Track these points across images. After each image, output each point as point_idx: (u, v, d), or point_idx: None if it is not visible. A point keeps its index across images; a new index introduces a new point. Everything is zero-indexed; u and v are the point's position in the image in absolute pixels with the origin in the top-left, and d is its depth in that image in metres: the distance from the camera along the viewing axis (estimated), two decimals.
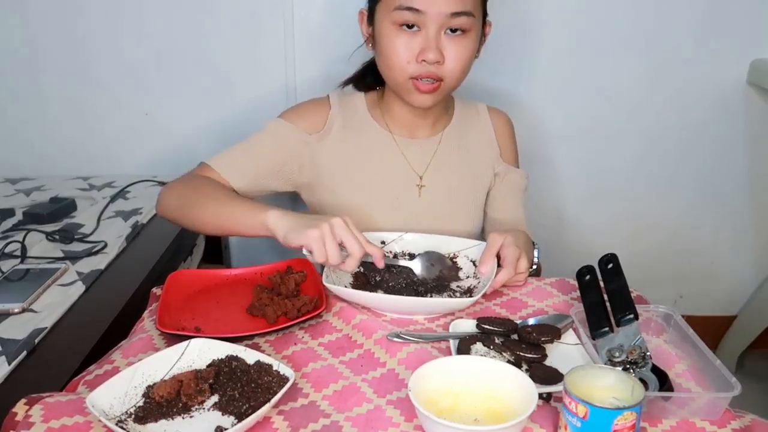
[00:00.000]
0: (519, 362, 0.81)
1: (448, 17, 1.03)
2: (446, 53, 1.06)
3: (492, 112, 1.29)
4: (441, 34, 1.05)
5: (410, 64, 1.07)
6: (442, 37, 1.05)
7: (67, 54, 1.74)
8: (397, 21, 1.05)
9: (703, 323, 1.87)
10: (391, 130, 1.21)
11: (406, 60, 1.06)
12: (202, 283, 1.04)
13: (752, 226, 1.99)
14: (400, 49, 1.06)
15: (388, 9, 1.05)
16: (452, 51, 1.06)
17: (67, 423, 0.71)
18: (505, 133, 1.29)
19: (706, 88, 1.80)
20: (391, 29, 1.06)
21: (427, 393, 0.71)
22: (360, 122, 1.21)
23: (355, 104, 1.22)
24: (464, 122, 1.25)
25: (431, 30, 1.04)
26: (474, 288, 1.02)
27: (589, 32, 1.74)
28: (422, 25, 1.04)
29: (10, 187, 1.68)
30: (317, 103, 1.22)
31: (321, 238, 0.91)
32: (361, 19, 1.14)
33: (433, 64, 1.05)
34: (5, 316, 1.03)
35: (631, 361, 0.79)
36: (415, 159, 1.21)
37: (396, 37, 1.06)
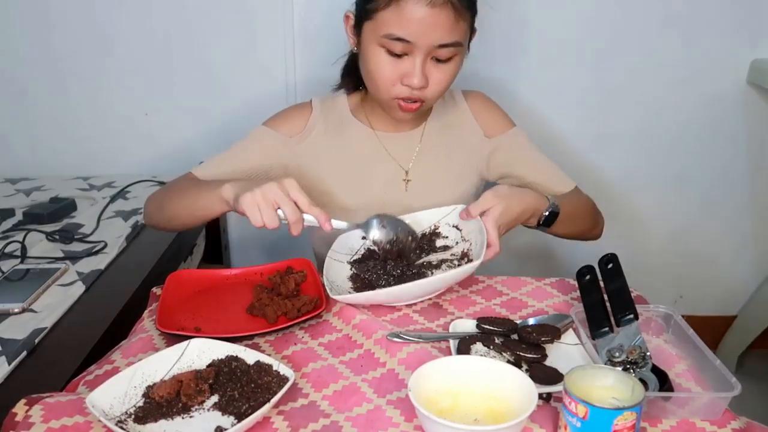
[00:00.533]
0: (519, 362, 0.81)
1: (435, 48, 1.03)
2: (431, 78, 1.06)
3: (467, 95, 1.27)
4: (427, 60, 1.04)
5: (395, 86, 1.06)
6: (428, 64, 1.05)
7: (67, 54, 1.74)
8: (384, 45, 1.04)
9: (703, 323, 1.87)
10: (373, 126, 1.20)
11: (390, 82, 1.06)
12: (202, 283, 1.04)
13: (752, 226, 1.99)
14: (386, 71, 1.05)
15: (377, 32, 1.04)
16: (437, 76, 1.06)
17: (67, 423, 0.71)
18: (484, 109, 1.27)
19: (706, 88, 1.80)
20: (378, 51, 1.05)
21: (427, 393, 0.71)
22: (342, 121, 1.21)
23: (337, 105, 1.22)
24: (443, 110, 1.24)
25: (418, 58, 1.03)
26: (469, 251, 1.03)
27: (589, 32, 1.74)
28: (410, 52, 1.03)
29: (10, 187, 1.68)
30: (298, 108, 1.23)
31: (254, 203, 0.92)
32: (347, 22, 1.12)
33: (417, 89, 1.06)
34: (5, 316, 1.03)
35: (631, 361, 0.79)
36: (400, 153, 1.20)
37: (382, 61, 1.05)
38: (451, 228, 1.09)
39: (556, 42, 1.75)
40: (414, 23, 1.00)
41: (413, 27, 1.00)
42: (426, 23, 0.99)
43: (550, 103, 1.81)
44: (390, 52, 1.04)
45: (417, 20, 0.99)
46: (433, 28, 1.00)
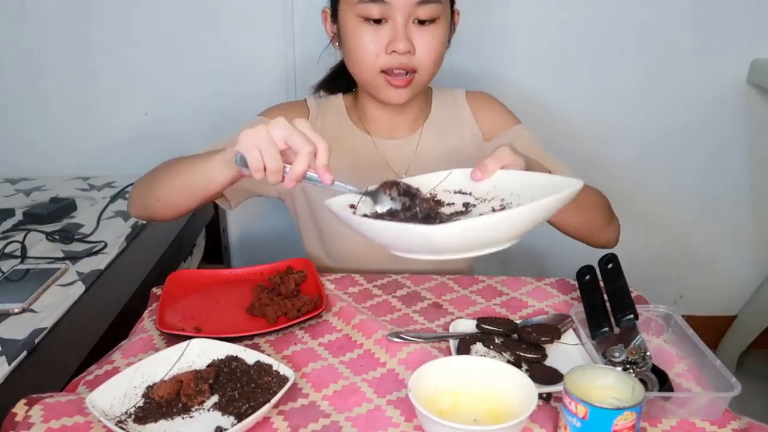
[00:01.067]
0: (519, 362, 0.81)
1: (414, 6, 0.99)
2: (416, 43, 1.02)
3: (470, 97, 1.21)
4: (409, 24, 1.01)
5: (379, 57, 1.02)
6: (411, 27, 1.01)
7: (67, 54, 1.74)
8: (361, 14, 1.00)
9: (703, 323, 1.87)
10: (369, 132, 1.17)
11: (374, 53, 1.02)
12: (202, 283, 1.04)
13: (752, 226, 1.99)
14: (368, 42, 1.02)
15: (351, 3, 1.01)
16: (422, 40, 1.02)
17: (67, 423, 0.71)
18: (485, 109, 1.21)
19: (706, 88, 1.80)
20: (356, 23, 1.02)
21: (427, 393, 0.70)
22: (338, 127, 1.17)
23: (333, 109, 1.18)
24: (443, 113, 1.20)
25: (398, 20, 1.00)
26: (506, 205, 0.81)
27: (589, 32, 1.74)
28: (388, 16, 1.00)
29: (10, 187, 1.68)
30: (296, 107, 1.19)
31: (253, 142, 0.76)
32: (325, 18, 1.10)
33: (403, 54, 1.01)
34: (5, 316, 1.03)
35: (631, 361, 0.79)
36: (396, 160, 1.16)
37: (362, 31, 1.02)
38: (454, 194, 0.88)
39: (556, 42, 1.75)
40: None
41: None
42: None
43: (549, 104, 1.81)
44: (368, 21, 1.01)
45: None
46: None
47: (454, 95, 1.22)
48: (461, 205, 0.85)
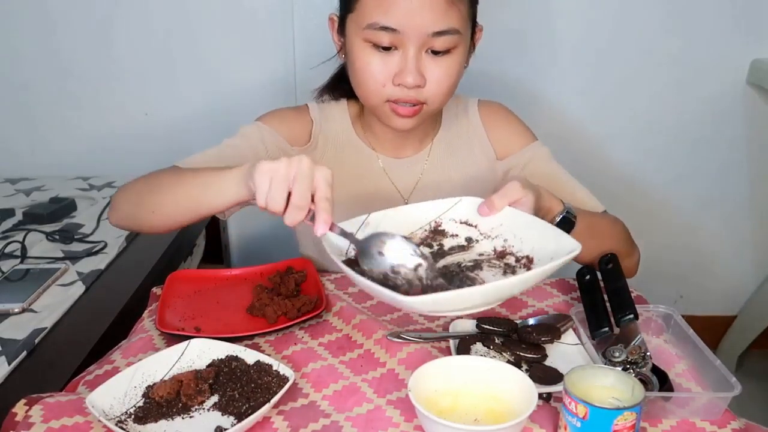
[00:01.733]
0: (519, 362, 0.81)
1: (429, 37, 0.90)
2: (428, 75, 0.92)
3: (482, 108, 1.13)
4: (422, 53, 0.92)
5: (386, 87, 0.93)
6: (423, 57, 0.92)
7: (68, 54, 1.74)
8: (369, 39, 0.91)
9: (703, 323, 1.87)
10: (375, 149, 1.10)
11: (381, 83, 0.93)
12: (202, 283, 1.03)
13: (752, 226, 1.99)
14: (374, 70, 0.92)
15: (359, 25, 0.91)
16: (435, 72, 0.93)
17: (67, 423, 0.71)
18: (499, 126, 1.12)
19: (706, 88, 1.80)
20: (363, 47, 0.92)
21: (427, 393, 0.70)
22: (342, 138, 1.09)
23: (337, 117, 1.11)
24: (453, 128, 1.12)
25: (410, 51, 0.90)
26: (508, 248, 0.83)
27: (589, 32, 1.74)
28: (399, 44, 0.91)
29: (10, 187, 1.68)
30: (298, 113, 1.11)
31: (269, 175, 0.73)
32: (332, 25, 1.01)
33: (412, 88, 0.93)
34: (5, 316, 1.03)
35: (631, 361, 0.79)
36: (401, 180, 1.10)
37: (369, 56, 0.92)
38: (460, 225, 0.88)
39: (556, 42, 1.75)
40: (400, 7, 0.87)
41: (399, 12, 0.88)
42: (414, 6, 0.87)
43: (549, 104, 1.81)
44: (377, 46, 0.91)
45: (403, 3, 0.87)
46: (422, 11, 0.88)
47: (466, 106, 1.13)
48: (464, 239, 0.86)
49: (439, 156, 1.12)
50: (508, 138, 1.12)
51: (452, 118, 1.13)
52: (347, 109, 1.12)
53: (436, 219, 0.88)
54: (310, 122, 1.10)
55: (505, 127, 1.13)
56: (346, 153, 1.09)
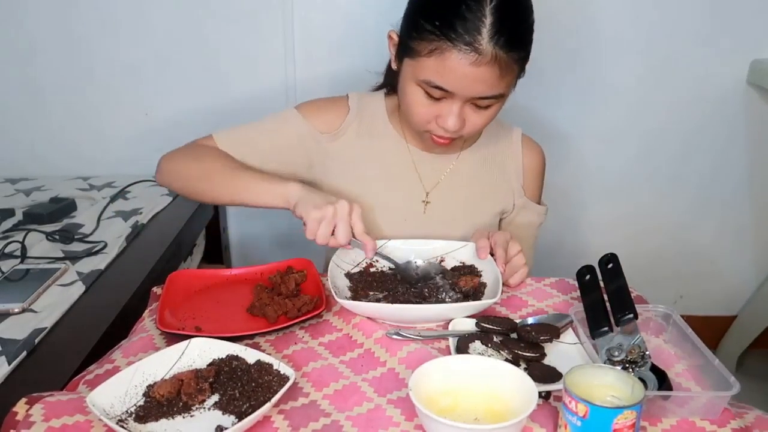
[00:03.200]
0: (516, 360, 0.81)
1: (476, 98, 0.98)
2: (467, 120, 1.01)
3: (526, 143, 1.22)
4: (466, 105, 1.00)
5: (430, 124, 1.03)
6: (467, 107, 1.00)
7: (67, 54, 1.74)
8: (423, 87, 0.99)
9: (703, 323, 1.87)
10: (407, 140, 1.16)
11: (426, 120, 1.02)
12: (202, 283, 1.04)
13: (752, 226, 1.99)
14: (421, 110, 1.01)
15: (416, 74, 0.98)
16: (474, 119, 1.01)
17: (67, 422, 0.71)
18: (535, 170, 1.22)
19: (706, 88, 1.80)
20: (416, 89, 1.00)
21: (427, 392, 0.71)
22: (378, 126, 1.16)
23: (375, 107, 1.17)
24: (494, 145, 1.19)
25: (456, 105, 0.98)
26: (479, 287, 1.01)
27: (589, 32, 1.74)
28: (448, 98, 0.98)
29: (10, 187, 1.68)
30: (336, 103, 1.18)
31: (319, 220, 0.93)
32: (390, 41, 1.06)
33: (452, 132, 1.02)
34: (5, 316, 1.03)
35: (631, 360, 0.79)
36: (427, 174, 1.16)
37: (419, 98, 1.00)
38: (457, 263, 1.07)
39: (556, 42, 1.75)
40: (456, 77, 0.95)
41: (455, 80, 0.95)
42: (469, 79, 0.95)
43: (549, 104, 1.81)
44: (428, 95, 0.99)
45: (460, 75, 0.94)
46: (475, 83, 0.95)
47: (511, 133, 1.22)
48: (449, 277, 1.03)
49: (470, 161, 1.18)
50: (535, 185, 1.24)
51: (493, 137, 1.20)
52: (384, 102, 1.19)
53: (442, 255, 1.08)
54: (346, 111, 1.17)
55: (538, 176, 1.24)
56: (379, 140, 1.17)
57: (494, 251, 1.01)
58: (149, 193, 1.64)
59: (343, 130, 1.16)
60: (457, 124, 1.00)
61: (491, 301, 0.92)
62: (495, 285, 0.97)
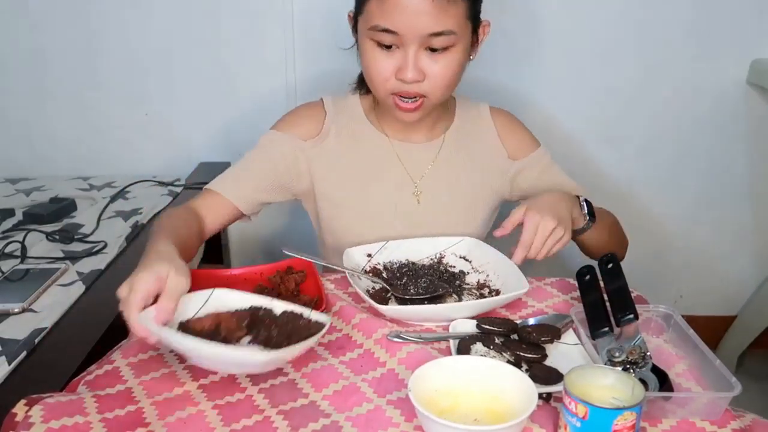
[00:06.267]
0: (519, 362, 0.81)
1: (426, 37, 0.98)
2: (427, 70, 1.01)
3: (494, 113, 1.23)
4: (420, 51, 1.00)
5: (389, 81, 1.03)
6: (423, 54, 1.00)
7: (67, 54, 1.74)
8: (374, 39, 1.01)
9: (703, 323, 1.87)
10: (387, 134, 1.17)
11: (384, 77, 1.03)
12: (202, 283, 1.03)
13: (752, 226, 1.99)
14: (378, 66, 1.02)
15: (366, 26, 1.01)
16: (434, 68, 1.01)
17: (67, 423, 0.71)
18: (511, 130, 1.22)
19: (706, 88, 1.80)
20: (369, 45, 1.02)
21: (427, 393, 0.71)
22: (356, 126, 1.17)
23: (351, 107, 1.19)
24: (466, 124, 1.20)
25: (410, 50, 0.99)
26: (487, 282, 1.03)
27: (589, 32, 1.74)
28: (400, 44, 0.99)
29: (10, 187, 1.68)
30: (311, 108, 1.19)
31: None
32: (350, 21, 1.09)
33: (412, 83, 1.01)
34: (5, 316, 1.03)
35: (631, 361, 0.79)
36: (413, 165, 1.17)
37: (374, 54, 1.02)
38: (459, 258, 1.08)
39: (555, 42, 1.75)
40: (398, 12, 0.96)
41: (397, 16, 0.96)
42: (410, 11, 0.96)
43: (549, 104, 1.81)
44: (380, 45, 1.01)
45: (400, 9, 0.96)
46: (418, 16, 0.96)
47: (479, 109, 1.23)
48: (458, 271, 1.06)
49: (451, 149, 1.19)
50: (518, 142, 1.22)
51: (465, 116, 1.21)
52: (359, 102, 1.19)
53: (441, 251, 1.09)
54: (323, 114, 1.18)
55: (516, 134, 1.23)
56: (360, 139, 1.17)
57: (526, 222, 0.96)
58: (149, 193, 1.64)
59: (324, 133, 1.16)
60: (416, 73, 1.00)
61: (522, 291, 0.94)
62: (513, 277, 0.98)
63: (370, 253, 1.09)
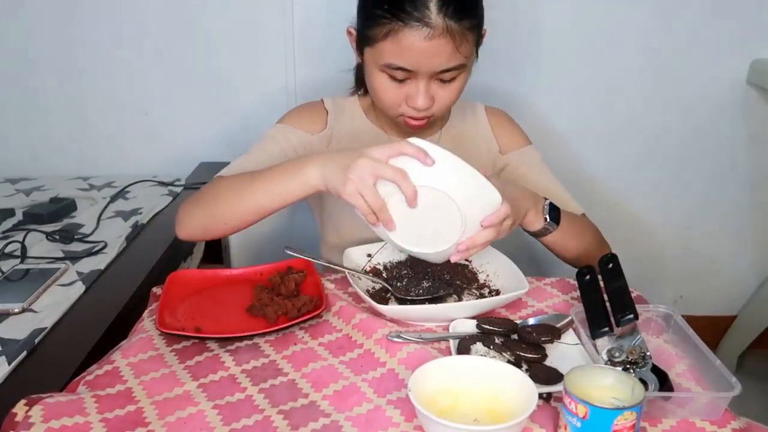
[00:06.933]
0: (519, 362, 0.81)
1: (438, 72, 1.01)
2: (436, 97, 1.05)
3: (489, 111, 1.26)
4: (431, 81, 1.03)
5: (400, 107, 1.06)
6: (433, 84, 1.04)
7: (67, 54, 1.74)
8: (386, 72, 1.03)
9: (703, 323, 1.87)
10: (387, 132, 1.19)
11: (396, 103, 1.05)
12: (202, 283, 1.04)
13: (752, 226, 1.99)
14: (390, 94, 1.05)
15: (377, 60, 1.02)
16: (442, 95, 1.05)
17: (67, 423, 0.71)
18: (504, 127, 1.25)
19: (706, 88, 1.80)
20: (380, 75, 1.04)
21: (426, 393, 0.70)
22: (357, 125, 1.19)
23: (351, 107, 1.21)
24: (462, 123, 1.23)
25: (421, 83, 1.02)
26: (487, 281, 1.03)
27: (589, 32, 1.74)
28: (412, 77, 1.02)
29: (10, 187, 1.68)
30: (314, 106, 1.21)
31: (356, 191, 0.87)
32: (350, 37, 1.10)
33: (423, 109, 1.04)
34: (5, 316, 1.03)
35: (631, 361, 0.79)
36: None
37: (385, 83, 1.04)
38: None
39: (555, 42, 1.75)
40: (413, 54, 0.98)
41: (413, 58, 0.99)
42: (426, 54, 0.98)
43: (549, 104, 1.81)
44: (392, 78, 1.03)
45: (416, 52, 0.98)
46: (432, 57, 0.99)
47: (474, 108, 1.25)
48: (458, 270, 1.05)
49: (449, 140, 1.20)
50: (509, 137, 1.25)
51: (460, 115, 1.23)
52: (359, 102, 1.21)
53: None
54: (325, 113, 1.20)
55: (509, 130, 1.26)
56: (361, 138, 1.18)
57: None
58: (149, 193, 1.64)
59: (330, 130, 1.18)
60: (427, 102, 1.03)
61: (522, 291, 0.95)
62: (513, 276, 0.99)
63: (370, 253, 1.09)
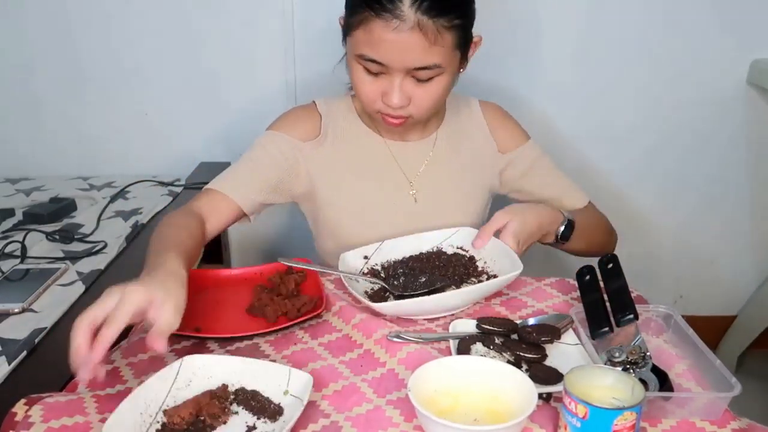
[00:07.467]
0: (519, 362, 0.81)
1: (412, 70, 0.99)
2: (413, 95, 1.02)
3: (484, 106, 1.24)
4: (406, 78, 1.00)
5: (376, 102, 1.04)
6: (408, 81, 1.01)
7: (67, 54, 1.74)
8: (361, 64, 1.01)
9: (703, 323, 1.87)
10: (382, 134, 1.18)
11: (371, 99, 1.04)
12: (202, 283, 1.03)
13: (752, 226, 1.99)
14: (366, 89, 1.03)
15: (353, 50, 1.01)
16: (419, 93, 1.02)
17: (66, 423, 0.71)
18: (500, 123, 1.23)
19: (706, 88, 1.80)
20: (357, 67, 1.02)
21: (426, 393, 0.71)
22: (351, 127, 1.18)
23: (344, 109, 1.19)
24: (457, 119, 1.21)
25: (395, 79, 1.00)
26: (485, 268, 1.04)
27: (589, 33, 1.74)
28: (386, 72, 1.00)
29: (10, 187, 1.68)
30: (305, 111, 1.19)
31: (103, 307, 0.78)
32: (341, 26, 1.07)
33: (398, 108, 1.03)
34: (5, 316, 1.03)
35: (631, 361, 0.79)
36: (408, 163, 1.18)
37: (362, 76, 1.02)
38: (456, 249, 1.09)
39: (555, 42, 1.75)
40: (384, 46, 0.96)
41: (383, 50, 0.97)
42: (396, 48, 0.96)
43: (549, 104, 1.81)
44: (367, 70, 1.01)
45: (387, 44, 0.96)
46: (403, 52, 0.97)
47: (468, 103, 1.24)
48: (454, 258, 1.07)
49: (444, 146, 1.20)
50: (507, 135, 1.24)
51: (455, 112, 1.22)
52: (352, 103, 1.20)
53: (438, 245, 1.10)
54: (318, 117, 1.18)
55: (506, 127, 1.24)
56: (355, 141, 1.17)
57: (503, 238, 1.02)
58: (149, 193, 1.64)
59: (323, 135, 1.16)
60: (402, 100, 1.01)
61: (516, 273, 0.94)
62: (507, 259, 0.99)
63: (367, 255, 1.08)
